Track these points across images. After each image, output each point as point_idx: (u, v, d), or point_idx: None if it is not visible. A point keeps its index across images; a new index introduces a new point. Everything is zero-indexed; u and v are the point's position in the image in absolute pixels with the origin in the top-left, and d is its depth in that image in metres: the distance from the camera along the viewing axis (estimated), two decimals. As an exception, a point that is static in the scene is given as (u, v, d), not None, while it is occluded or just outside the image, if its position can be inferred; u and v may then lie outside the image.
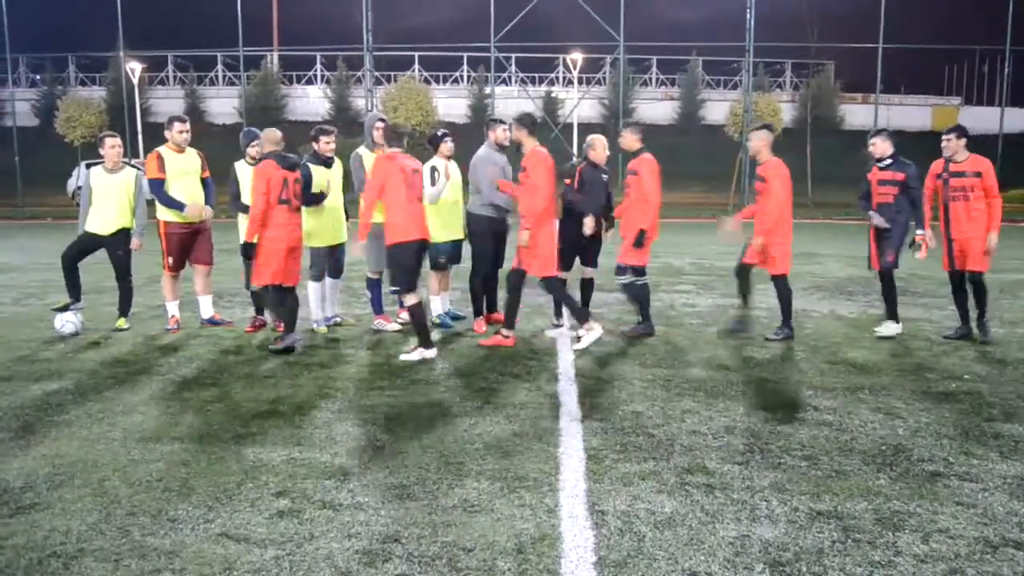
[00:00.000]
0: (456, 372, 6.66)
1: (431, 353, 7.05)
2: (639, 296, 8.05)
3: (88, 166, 8.14)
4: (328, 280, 8.25)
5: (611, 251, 8.41)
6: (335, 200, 8.09)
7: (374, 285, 8.25)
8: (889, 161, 8.00)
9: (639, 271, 7.98)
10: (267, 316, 8.39)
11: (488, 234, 8.09)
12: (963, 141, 7.79)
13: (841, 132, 44.15)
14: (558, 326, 8.35)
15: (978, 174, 7.67)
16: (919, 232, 7.96)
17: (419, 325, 7.11)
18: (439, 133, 8.38)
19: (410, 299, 7.06)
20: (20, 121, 37.86)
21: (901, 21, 30.57)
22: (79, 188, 7.99)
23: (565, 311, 8.28)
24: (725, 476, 4.39)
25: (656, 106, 50.90)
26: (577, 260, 8.23)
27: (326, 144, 8.00)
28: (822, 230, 22.98)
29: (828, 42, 35.68)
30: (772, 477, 4.38)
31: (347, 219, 8.35)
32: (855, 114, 45.65)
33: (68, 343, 7.74)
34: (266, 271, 7.32)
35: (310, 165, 7.86)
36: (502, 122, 8.21)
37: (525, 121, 7.56)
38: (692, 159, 41.58)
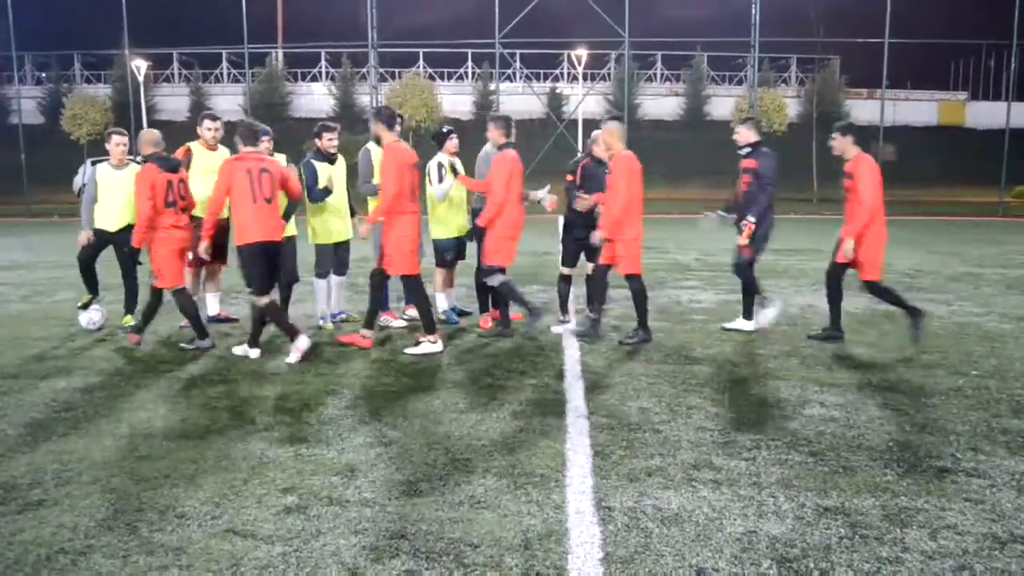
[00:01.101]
0: (462, 369, 6.66)
1: (303, 344, 6.99)
2: (505, 293, 7.84)
3: (94, 163, 8.13)
4: (333, 278, 8.27)
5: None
6: (339, 197, 8.09)
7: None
8: (749, 149, 7.82)
9: (496, 269, 7.75)
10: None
11: None
12: (848, 139, 7.51)
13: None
14: (564, 322, 8.34)
15: (851, 175, 7.37)
16: (749, 218, 7.70)
17: (279, 326, 7.09)
18: (444, 130, 8.38)
19: (262, 300, 6.98)
20: (26, 119, 37.99)
21: (907, 16, 30.51)
22: (84, 186, 8.01)
23: (571, 307, 8.27)
24: (732, 472, 4.38)
25: (661, 102, 50.79)
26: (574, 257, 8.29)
27: (329, 141, 8.00)
28: (827, 225, 22.88)
29: (834, 37, 35.55)
30: (779, 473, 4.37)
31: (352, 216, 8.36)
32: (861, 109, 45.46)
33: (76, 340, 7.76)
34: (168, 275, 7.28)
35: (314, 162, 7.86)
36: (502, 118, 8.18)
37: (382, 115, 7.42)
38: (697, 155, 41.52)
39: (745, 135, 7.86)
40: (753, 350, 7.24)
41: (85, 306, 8.19)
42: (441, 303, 8.59)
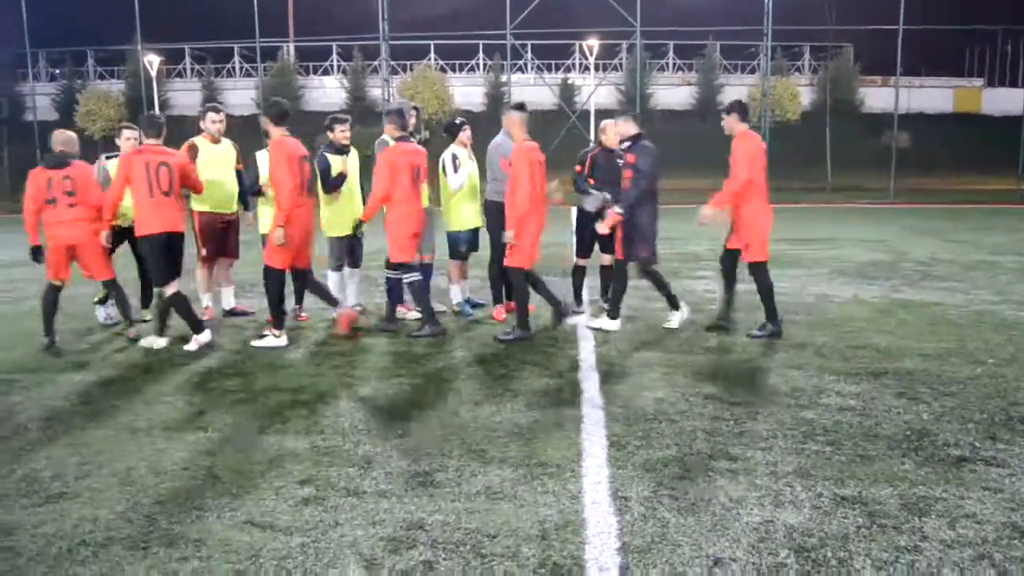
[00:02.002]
0: (477, 360, 6.67)
1: (205, 337, 7.16)
2: (414, 292, 7.69)
3: (108, 158, 8.16)
4: (347, 270, 8.28)
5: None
6: (353, 189, 8.10)
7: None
8: (629, 143, 7.63)
9: (402, 267, 7.62)
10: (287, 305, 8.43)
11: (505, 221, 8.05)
12: (734, 116, 7.55)
13: (861, 116, 43.69)
14: (578, 312, 8.34)
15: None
16: (616, 209, 7.53)
17: (184, 315, 7.15)
18: (457, 121, 8.37)
19: (169, 289, 7.06)
20: (41, 115, 38.18)
21: (921, 1, 30.18)
22: (100, 183, 8.10)
23: (585, 297, 8.26)
24: (748, 462, 4.37)
25: (673, 91, 50.53)
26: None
27: (341, 133, 8.01)
28: (842, 214, 22.76)
29: (847, 24, 35.27)
30: (796, 463, 4.36)
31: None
32: (875, 97, 45.10)
33: (93, 334, 7.81)
34: (52, 269, 7.29)
35: (327, 155, 7.88)
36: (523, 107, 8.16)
37: (271, 111, 7.30)
38: (710, 145, 41.18)
39: (624, 128, 7.69)
40: (769, 340, 7.20)
41: (102, 301, 8.25)
42: (455, 295, 8.61)
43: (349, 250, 8.25)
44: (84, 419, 5.29)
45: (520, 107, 7.62)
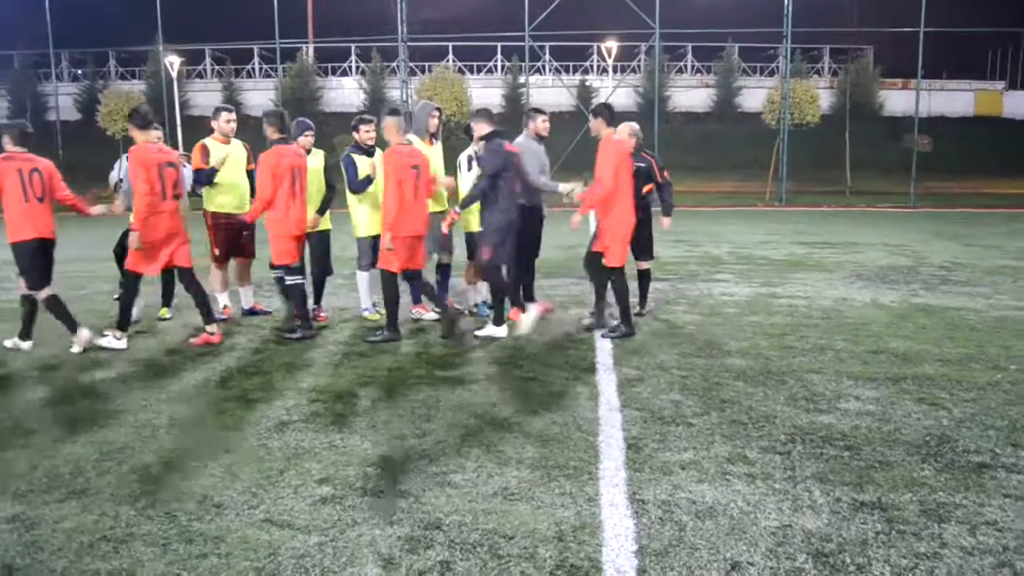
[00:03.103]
0: (494, 361, 6.68)
1: (84, 336, 7.14)
2: (292, 295, 7.65)
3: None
4: (373, 271, 8.31)
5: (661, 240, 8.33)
6: (379, 190, 8.13)
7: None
8: (483, 142, 7.58)
9: (285, 269, 7.61)
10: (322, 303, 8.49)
11: (524, 223, 8.05)
12: (600, 120, 7.46)
13: (881, 119, 43.38)
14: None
15: None
16: (456, 208, 7.63)
17: (59, 317, 7.17)
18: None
19: (43, 294, 7.10)
20: (63, 115, 38.59)
21: (943, 4, 29.91)
22: (121, 180, 8.15)
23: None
24: (766, 466, 4.36)
25: (692, 93, 50.37)
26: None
27: (366, 133, 8.05)
28: (861, 218, 22.63)
29: (867, 27, 35.05)
30: (814, 467, 4.34)
31: None
32: (895, 100, 44.77)
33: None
34: None
35: (353, 155, 7.92)
36: (542, 112, 8.18)
37: (135, 119, 7.39)
38: (728, 147, 41.12)
39: (477, 128, 7.62)
40: (787, 343, 7.18)
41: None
42: (472, 296, 8.62)
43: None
44: (105, 416, 5.34)
45: (394, 112, 7.62)
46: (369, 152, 8.04)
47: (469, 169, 8.11)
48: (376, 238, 8.07)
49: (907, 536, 3.56)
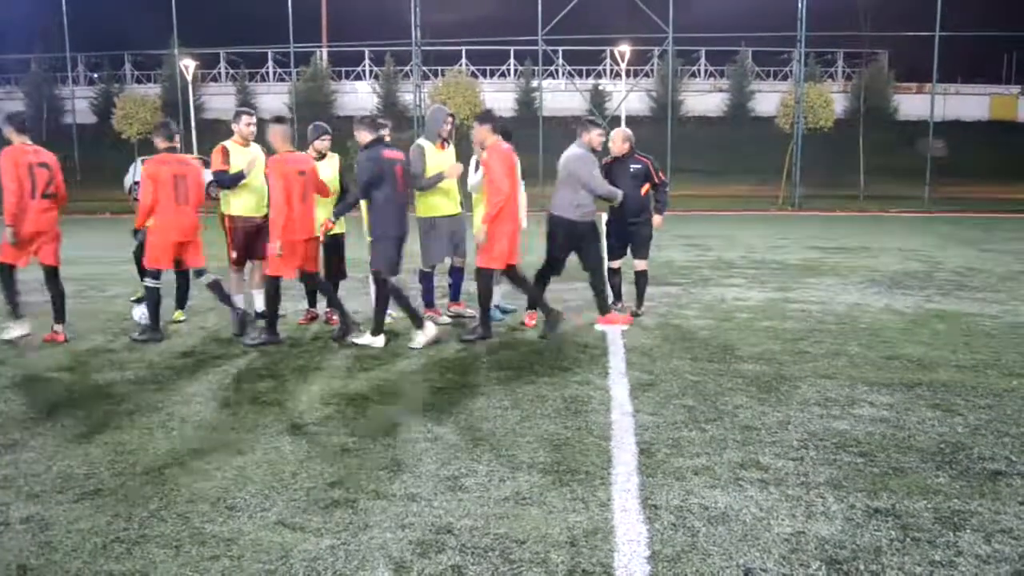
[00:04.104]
0: (506, 366, 6.67)
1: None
2: (147, 299, 7.72)
3: (144, 162, 8.28)
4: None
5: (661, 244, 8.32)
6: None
7: (425, 278, 8.31)
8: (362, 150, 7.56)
9: (150, 273, 7.67)
10: (318, 308, 8.53)
11: (569, 237, 7.88)
12: (486, 127, 7.53)
13: (895, 123, 43.20)
14: (627, 310, 8.51)
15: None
16: (330, 218, 7.60)
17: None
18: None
19: None
20: (79, 119, 38.90)
21: (958, 8, 29.73)
22: (136, 183, 8.27)
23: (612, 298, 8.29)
24: (779, 472, 4.34)
25: (705, 98, 50.32)
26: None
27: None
28: (875, 223, 22.51)
29: (882, 31, 34.85)
30: (828, 473, 4.32)
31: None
32: (910, 104, 44.59)
33: (128, 334, 7.91)
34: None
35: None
36: (598, 125, 8.10)
37: (13, 121, 7.63)
38: (742, 151, 41.04)
39: (360, 136, 7.47)
40: (800, 348, 7.15)
41: (139, 300, 8.35)
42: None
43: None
44: (119, 417, 5.37)
45: (280, 120, 7.65)
46: None
47: (476, 170, 8.15)
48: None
49: (922, 544, 3.53)
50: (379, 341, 7.36)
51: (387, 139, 7.75)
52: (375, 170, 7.18)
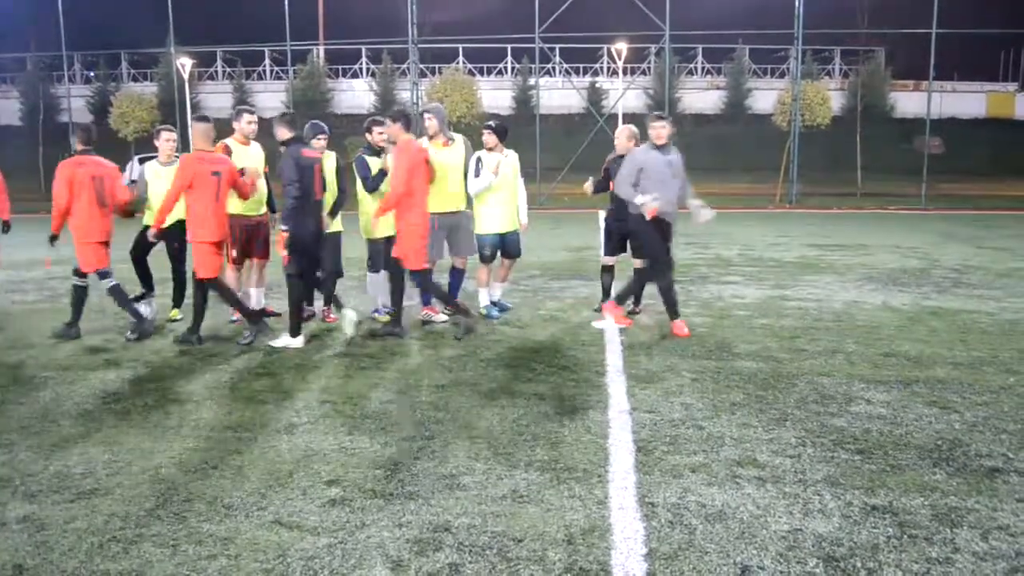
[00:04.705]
0: (504, 364, 6.67)
1: None
2: (74, 298, 7.76)
3: (141, 161, 8.29)
4: (384, 272, 8.31)
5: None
6: (386, 191, 8.15)
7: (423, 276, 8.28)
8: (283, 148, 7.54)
9: (80, 274, 7.71)
10: (316, 307, 8.52)
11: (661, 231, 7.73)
12: (398, 125, 7.42)
13: (892, 120, 43.24)
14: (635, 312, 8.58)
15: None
16: (281, 227, 7.35)
17: None
18: (493, 125, 8.43)
19: None
20: (76, 117, 38.78)
21: (954, 5, 29.74)
22: (133, 182, 8.23)
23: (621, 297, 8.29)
24: (777, 469, 4.34)
25: (702, 95, 50.31)
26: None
27: (379, 135, 8.07)
28: (873, 220, 22.53)
29: (879, 28, 34.87)
30: (825, 471, 4.32)
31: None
32: (907, 102, 44.62)
33: (126, 333, 7.90)
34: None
35: (365, 157, 7.97)
36: (662, 117, 8.01)
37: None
38: (739, 149, 41.08)
39: (279, 133, 7.48)
40: (798, 346, 7.15)
41: (137, 300, 8.33)
42: (482, 298, 8.61)
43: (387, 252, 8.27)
44: (115, 417, 5.36)
45: (203, 119, 7.65)
46: (378, 153, 8.07)
47: (477, 175, 8.13)
48: (388, 240, 8.08)
49: (919, 541, 3.53)
50: (297, 342, 7.37)
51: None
52: (297, 168, 7.20)
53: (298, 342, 7.35)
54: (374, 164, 7.98)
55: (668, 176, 7.61)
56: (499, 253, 8.51)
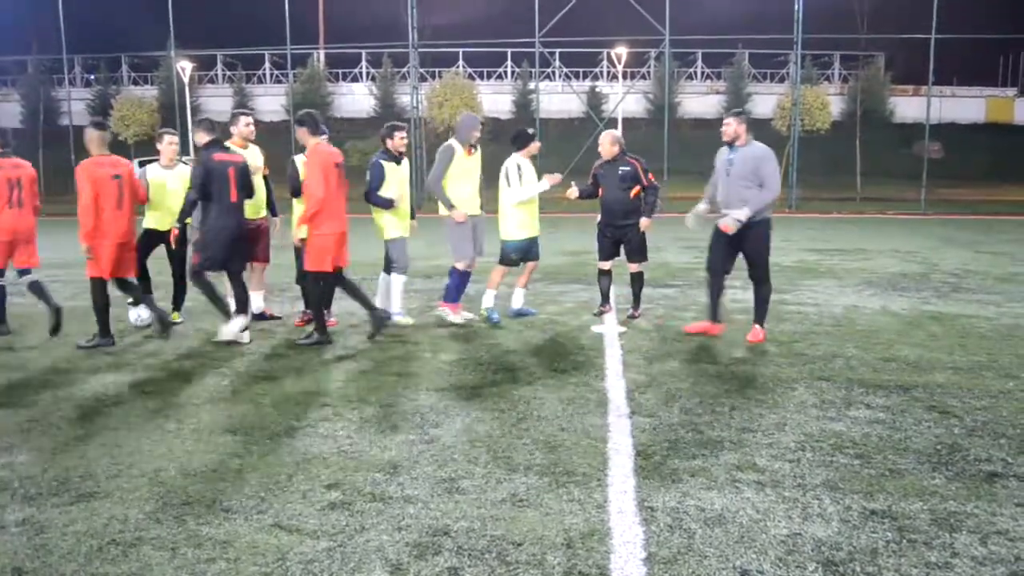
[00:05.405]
0: (503, 368, 6.67)
1: None
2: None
3: (141, 164, 8.30)
4: (393, 275, 8.29)
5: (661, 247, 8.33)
6: (405, 196, 8.16)
7: (456, 275, 8.32)
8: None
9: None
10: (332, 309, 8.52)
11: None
12: (304, 129, 7.43)
13: (892, 125, 43.26)
14: (604, 312, 8.62)
15: None
16: (194, 224, 7.74)
17: None
18: (530, 131, 8.46)
19: None
20: (76, 120, 38.80)
21: (954, 10, 29.78)
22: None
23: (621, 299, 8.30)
24: (776, 473, 4.34)
25: (702, 100, 50.34)
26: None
27: (401, 140, 8.08)
28: (872, 225, 22.53)
29: (878, 33, 34.91)
30: (824, 475, 4.32)
31: (412, 217, 8.42)
32: (906, 107, 44.62)
33: (125, 336, 7.90)
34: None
35: (382, 161, 7.95)
36: (738, 113, 7.92)
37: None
38: (738, 154, 41.01)
39: (197, 137, 7.62)
40: (797, 350, 7.15)
41: (135, 303, 8.33)
42: (487, 300, 8.60)
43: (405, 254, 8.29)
44: (115, 420, 5.36)
45: (99, 125, 7.70)
46: (398, 159, 8.07)
47: (520, 182, 8.20)
48: (404, 240, 8.10)
49: (918, 545, 3.53)
50: (236, 326, 7.51)
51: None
52: (204, 172, 7.32)
53: (237, 326, 7.50)
54: (390, 169, 8.00)
55: (723, 175, 7.60)
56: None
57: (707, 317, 7.87)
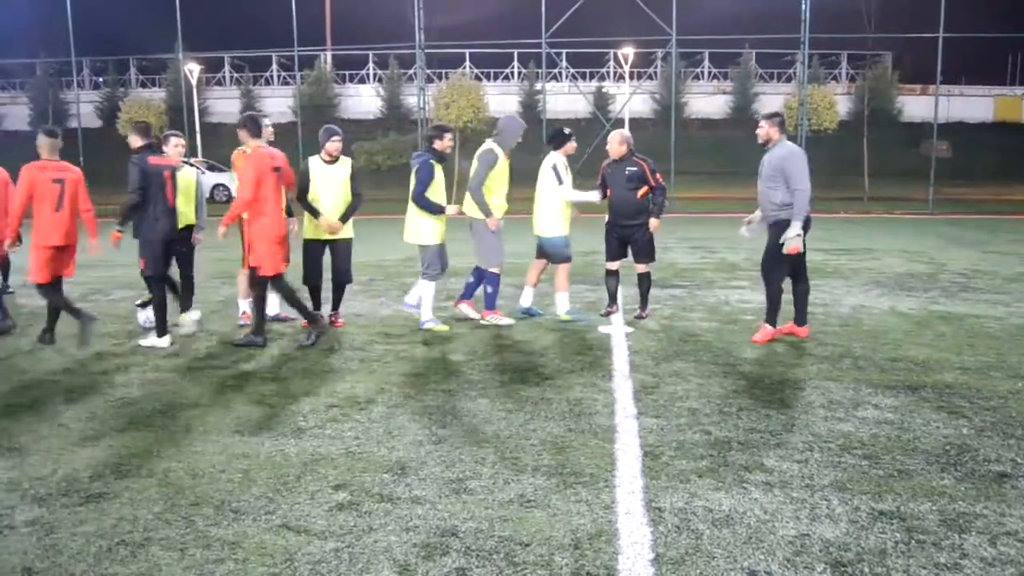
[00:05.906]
0: (511, 368, 6.67)
1: None
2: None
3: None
4: (423, 281, 8.27)
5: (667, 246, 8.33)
6: (443, 198, 8.16)
7: (490, 278, 8.31)
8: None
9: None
10: (323, 311, 8.53)
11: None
12: (244, 131, 7.50)
13: (899, 125, 43.15)
14: (611, 313, 8.61)
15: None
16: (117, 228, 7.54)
17: None
18: (566, 131, 8.46)
19: None
20: (84, 122, 39.01)
21: (961, 9, 29.67)
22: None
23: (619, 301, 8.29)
24: (784, 474, 4.33)
25: (709, 100, 50.30)
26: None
27: (448, 142, 8.08)
28: (880, 224, 22.46)
29: (886, 32, 34.81)
30: (832, 476, 4.31)
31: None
32: (914, 106, 44.53)
33: (133, 338, 7.93)
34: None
35: (432, 163, 7.94)
36: (771, 116, 7.99)
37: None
38: (746, 153, 40.97)
39: (132, 141, 7.60)
40: (805, 350, 7.14)
41: (144, 305, 8.37)
42: (526, 299, 8.69)
43: (442, 258, 8.28)
44: (124, 421, 5.38)
45: (51, 133, 7.67)
46: (443, 159, 8.10)
47: (561, 181, 8.25)
48: (439, 245, 8.10)
49: (927, 546, 3.52)
50: (163, 342, 7.52)
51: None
52: (141, 175, 7.35)
53: (164, 342, 7.51)
54: (439, 172, 7.99)
55: (759, 178, 7.80)
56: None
57: (792, 320, 7.85)
